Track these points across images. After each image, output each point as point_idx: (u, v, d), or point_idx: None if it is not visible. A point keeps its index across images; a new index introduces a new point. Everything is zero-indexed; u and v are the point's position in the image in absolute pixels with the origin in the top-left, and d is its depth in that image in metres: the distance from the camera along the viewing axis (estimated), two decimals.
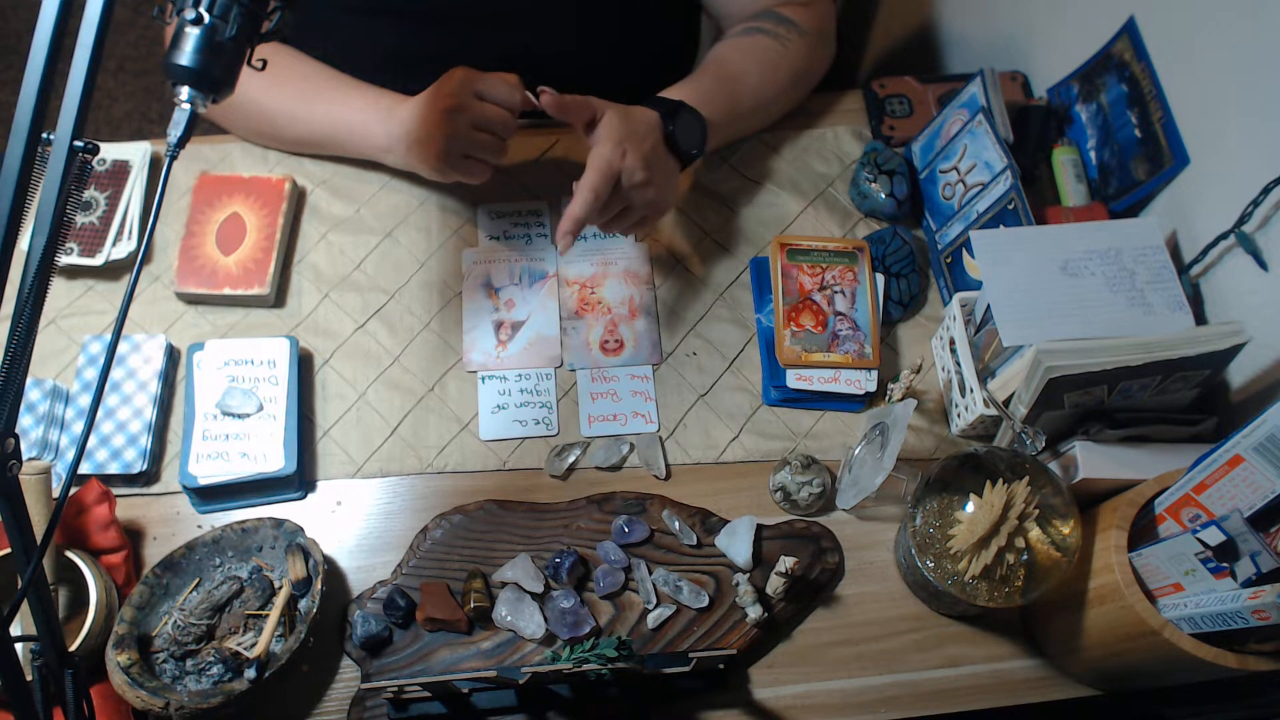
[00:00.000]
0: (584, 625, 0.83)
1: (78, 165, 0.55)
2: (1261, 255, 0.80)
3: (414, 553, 0.88)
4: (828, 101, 1.14)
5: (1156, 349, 0.76)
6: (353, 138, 0.98)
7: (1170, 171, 0.90)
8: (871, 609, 0.88)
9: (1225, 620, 0.66)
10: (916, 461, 0.93)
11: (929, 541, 0.78)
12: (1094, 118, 1.00)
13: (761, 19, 1.04)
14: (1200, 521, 0.69)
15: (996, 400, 0.83)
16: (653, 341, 0.99)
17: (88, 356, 0.93)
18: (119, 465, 0.89)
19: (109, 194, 1.01)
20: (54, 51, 0.54)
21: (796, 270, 0.99)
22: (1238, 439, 0.67)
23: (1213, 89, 0.85)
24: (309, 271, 1.01)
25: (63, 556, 0.80)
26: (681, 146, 0.92)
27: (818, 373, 0.95)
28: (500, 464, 0.93)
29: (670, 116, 0.92)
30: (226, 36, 0.58)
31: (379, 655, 0.83)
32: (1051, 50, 1.08)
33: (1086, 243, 0.84)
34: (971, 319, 0.90)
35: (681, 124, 0.92)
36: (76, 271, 0.99)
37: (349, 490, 0.92)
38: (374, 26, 1.04)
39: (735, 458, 0.94)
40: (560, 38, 1.06)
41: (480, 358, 0.97)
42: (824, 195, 1.07)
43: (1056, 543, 0.75)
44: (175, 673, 0.80)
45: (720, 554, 0.88)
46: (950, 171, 1.01)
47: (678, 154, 0.93)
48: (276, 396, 0.91)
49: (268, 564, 0.86)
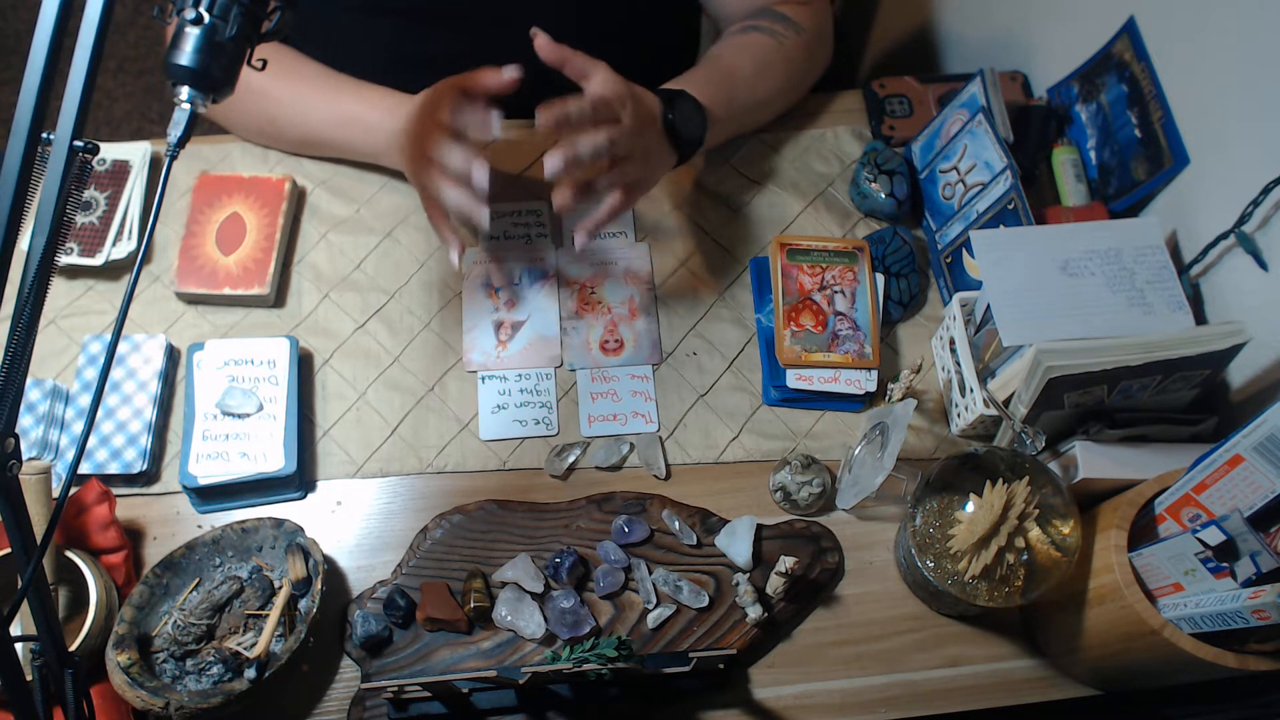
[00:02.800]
0: (584, 625, 0.83)
1: (78, 165, 0.55)
2: (1261, 255, 0.80)
3: (414, 553, 0.88)
4: (828, 101, 1.14)
5: (1156, 349, 0.76)
6: (354, 138, 0.98)
7: (1170, 171, 0.90)
8: (871, 609, 0.88)
9: (1225, 620, 0.66)
10: (916, 461, 0.93)
11: (929, 541, 0.78)
12: (1094, 118, 1.00)
13: (759, 17, 1.04)
14: (1200, 521, 0.69)
15: (996, 400, 0.83)
16: (653, 341, 0.99)
17: (88, 356, 0.93)
18: (119, 465, 0.89)
19: (109, 194, 1.01)
20: (54, 51, 0.54)
21: (796, 270, 0.99)
22: (1238, 439, 0.67)
23: (1213, 89, 0.85)
24: (309, 271, 1.01)
25: (63, 556, 0.80)
26: (681, 134, 0.92)
27: (818, 373, 0.95)
28: (500, 464, 0.93)
29: (670, 104, 0.91)
30: (226, 36, 0.58)
31: (379, 655, 0.83)
32: (1051, 50, 1.08)
33: (1086, 243, 0.84)
34: (971, 319, 0.90)
35: (681, 112, 0.91)
36: (76, 271, 0.99)
37: (349, 490, 0.92)
38: (374, 26, 1.04)
39: (735, 458, 0.94)
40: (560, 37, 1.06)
41: (480, 358, 0.97)
42: (824, 195, 1.07)
43: (1056, 543, 0.76)
44: (175, 673, 0.80)
45: (720, 554, 0.88)
46: (950, 171, 1.01)
47: (676, 143, 0.92)
48: (276, 396, 0.91)
49: (268, 564, 0.86)
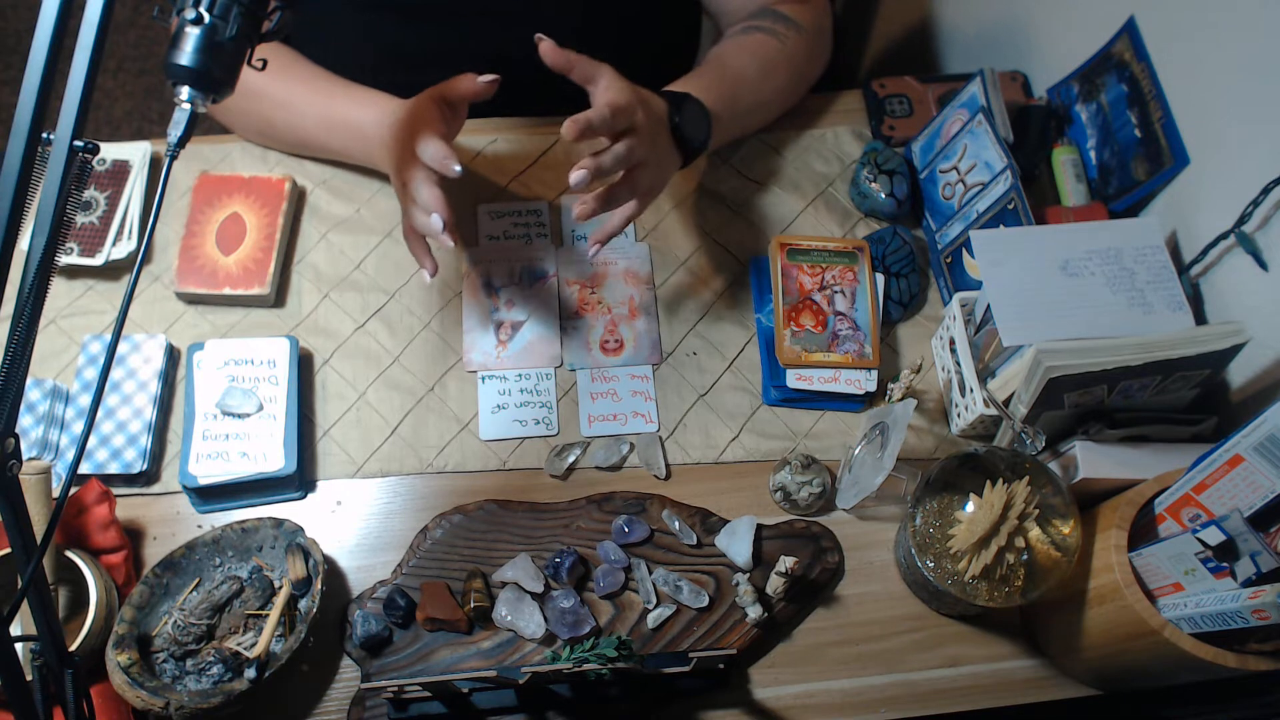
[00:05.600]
0: (584, 625, 0.83)
1: (78, 165, 0.55)
2: (1261, 255, 0.80)
3: (414, 552, 0.88)
4: (828, 101, 1.14)
5: (1156, 349, 0.76)
6: (346, 141, 0.98)
7: (1170, 171, 0.90)
8: (871, 609, 0.88)
9: (1225, 620, 0.66)
10: (916, 461, 0.93)
11: (929, 541, 0.78)
12: (1094, 118, 1.00)
13: (760, 17, 1.04)
14: (1200, 521, 0.69)
15: (996, 400, 0.83)
16: (653, 341, 0.99)
17: (88, 356, 0.93)
18: (119, 465, 0.89)
19: (109, 194, 1.01)
20: (54, 51, 0.54)
21: (796, 270, 0.99)
22: (1238, 439, 0.67)
23: (1213, 89, 0.85)
24: (309, 271, 1.01)
25: (63, 556, 0.80)
26: (687, 137, 0.91)
27: (818, 372, 0.95)
28: (500, 464, 0.93)
29: (676, 107, 0.91)
30: (226, 36, 0.58)
31: (379, 655, 0.83)
32: (1051, 50, 1.08)
33: (1086, 243, 0.84)
34: (971, 319, 0.90)
35: (687, 115, 0.91)
36: (76, 271, 0.99)
37: (349, 490, 0.92)
38: (373, 21, 1.04)
39: (735, 458, 0.94)
40: (561, 38, 1.06)
41: (480, 357, 0.97)
42: (824, 195, 1.07)
43: (1056, 543, 0.76)
44: (175, 673, 0.80)
45: (720, 554, 0.88)
46: (950, 171, 1.01)
47: (682, 146, 0.92)
48: (276, 396, 0.91)
49: (268, 564, 0.86)
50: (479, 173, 1.07)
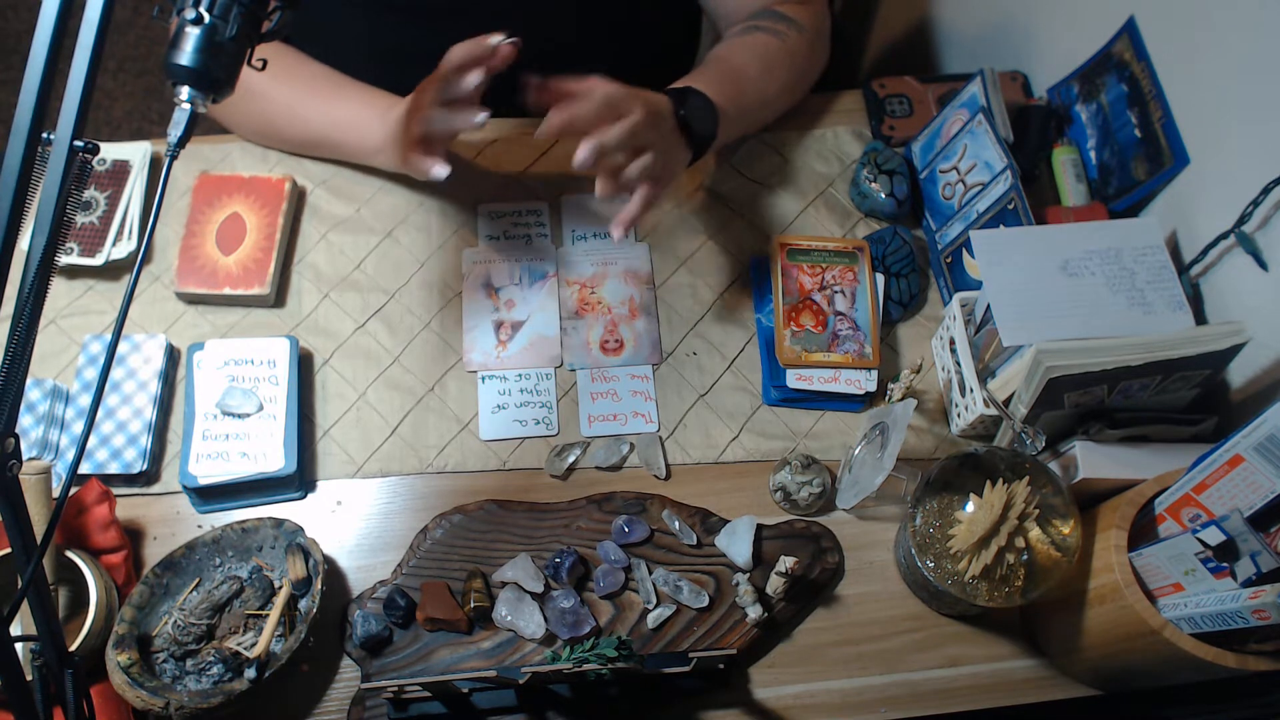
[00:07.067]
0: (584, 625, 0.83)
1: (78, 165, 0.55)
2: (1261, 255, 0.80)
3: (414, 553, 0.88)
4: (828, 101, 1.14)
5: (1156, 349, 0.76)
6: (349, 138, 0.98)
7: (1170, 171, 0.90)
8: (871, 609, 0.88)
9: (1225, 620, 0.66)
10: (916, 461, 0.93)
11: (929, 541, 0.78)
12: (1094, 118, 1.00)
13: (760, 17, 1.04)
14: (1200, 521, 0.69)
15: (996, 400, 0.83)
16: (653, 341, 0.99)
17: (88, 356, 0.93)
18: (119, 465, 0.89)
19: (109, 194, 1.01)
20: (54, 51, 0.54)
21: (796, 270, 0.99)
22: (1238, 439, 0.67)
23: (1213, 89, 0.85)
24: (309, 271, 1.01)
25: (63, 556, 0.80)
26: (694, 129, 0.91)
27: (818, 372, 0.95)
28: (500, 464, 0.93)
29: (680, 101, 0.91)
30: (226, 36, 0.58)
31: (379, 655, 0.83)
32: (1051, 50, 1.08)
33: (1086, 243, 0.84)
34: (971, 319, 0.90)
35: (693, 107, 0.91)
36: (76, 271, 0.99)
37: (349, 490, 0.92)
38: (372, 21, 1.04)
39: (735, 458, 0.94)
40: (560, 36, 1.06)
41: (480, 358, 0.97)
42: (824, 195, 1.07)
43: (1056, 543, 0.76)
44: (175, 673, 0.80)
45: (720, 554, 0.88)
46: (950, 171, 1.01)
47: (690, 139, 0.92)
48: (276, 396, 0.91)
49: (268, 564, 0.86)
50: (479, 172, 1.07)
